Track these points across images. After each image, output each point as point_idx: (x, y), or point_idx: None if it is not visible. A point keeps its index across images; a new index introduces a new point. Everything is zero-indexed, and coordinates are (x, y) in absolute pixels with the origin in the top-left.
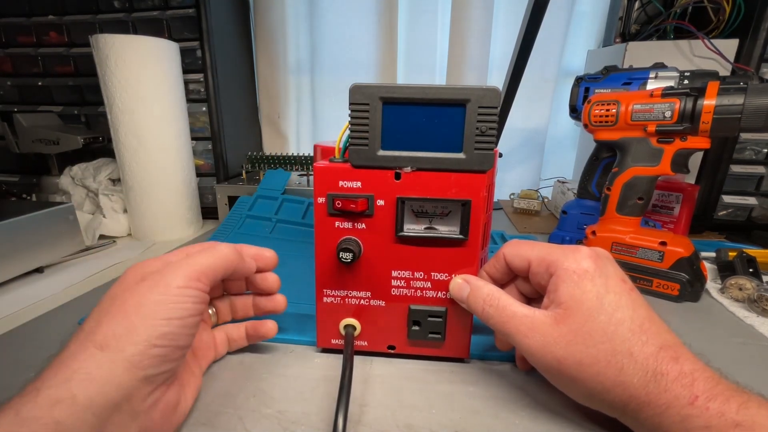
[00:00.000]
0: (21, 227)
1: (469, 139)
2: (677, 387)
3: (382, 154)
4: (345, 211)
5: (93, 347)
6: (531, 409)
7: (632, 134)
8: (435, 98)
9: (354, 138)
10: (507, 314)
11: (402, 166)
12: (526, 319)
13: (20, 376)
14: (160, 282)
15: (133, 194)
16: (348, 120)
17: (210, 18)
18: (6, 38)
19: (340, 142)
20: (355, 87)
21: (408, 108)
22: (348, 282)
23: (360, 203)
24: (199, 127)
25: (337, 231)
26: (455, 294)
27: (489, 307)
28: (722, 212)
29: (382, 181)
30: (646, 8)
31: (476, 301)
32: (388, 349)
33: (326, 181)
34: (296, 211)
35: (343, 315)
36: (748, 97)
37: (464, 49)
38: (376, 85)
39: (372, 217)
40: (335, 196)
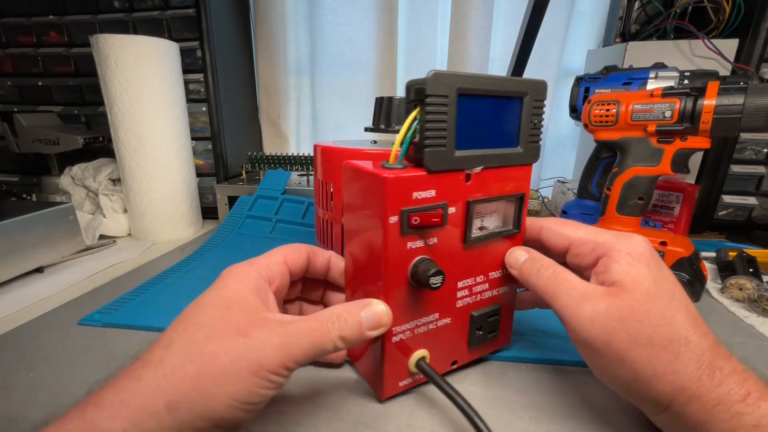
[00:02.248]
0: (21, 227)
1: (524, 132)
2: (731, 382)
3: (459, 155)
4: (422, 227)
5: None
6: (531, 409)
7: (632, 134)
8: (502, 90)
9: (431, 138)
10: (561, 278)
11: (473, 166)
12: (581, 285)
13: (20, 376)
14: (250, 352)
15: (133, 194)
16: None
17: (210, 18)
18: (6, 38)
19: (401, 143)
20: (436, 74)
21: (479, 101)
22: (417, 309)
23: (438, 214)
24: (199, 127)
25: (409, 253)
26: (512, 261)
27: (545, 270)
28: (722, 212)
29: (452, 186)
30: (646, 8)
31: (533, 264)
32: (451, 365)
33: (399, 195)
34: (296, 211)
35: (413, 349)
36: (748, 97)
37: (464, 49)
38: (455, 74)
39: (443, 228)
40: (411, 212)
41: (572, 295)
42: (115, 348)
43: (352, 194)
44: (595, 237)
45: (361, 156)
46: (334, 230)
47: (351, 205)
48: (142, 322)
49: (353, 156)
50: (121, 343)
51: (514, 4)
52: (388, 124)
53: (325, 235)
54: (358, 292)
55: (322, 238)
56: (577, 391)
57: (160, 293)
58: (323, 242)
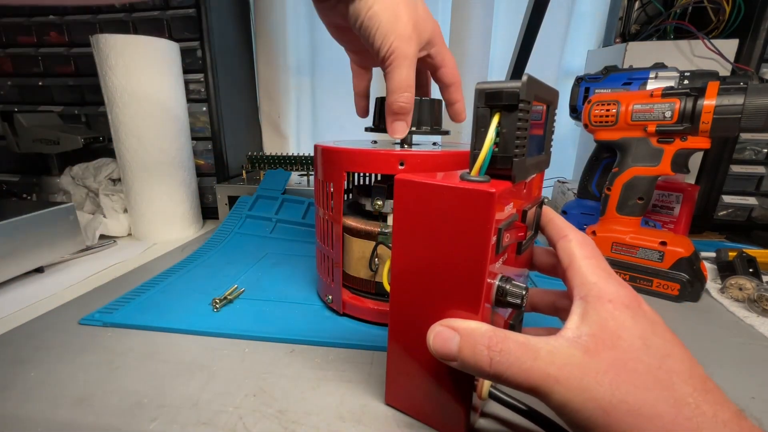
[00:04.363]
0: (21, 227)
1: (548, 139)
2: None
3: (529, 163)
4: (507, 244)
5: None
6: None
7: (632, 134)
8: (548, 98)
9: (520, 147)
10: (529, 356)
11: (531, 174)
12: (550, 355)
13: (20, 375)
14: None
15: (133, 194)
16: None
17: (210, 18)
18: (6, 38)
19: (487, 153)
20: (531, 80)
21: (534, 108)
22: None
23: (523, 229)
24: (199, 127)
25: (495, 272)
26: (440, 351)
27: (497, 354)
28: (722, 212)
29: (517, 197)
30: (646, 8)
31: (475, 350)
32: None
33: (499, 211)
34: (296, 211)
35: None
36: (748, 97)
37: (464, 49)
38: (537, 80)
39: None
40: (504, 228)
41: (550, 374)
42: (115, 348)
43: (425, 213)
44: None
45: (364, 156)
46: (334, 230)
47: (421, 225)
48: (143, 321)
49: (355, 156)
50: (121, 342)
51: (514, 4)
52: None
53: (325, 235)
54: (425, 318)
55: (323, 237)
56: None
57: (160, 293)
58: (324, 242)
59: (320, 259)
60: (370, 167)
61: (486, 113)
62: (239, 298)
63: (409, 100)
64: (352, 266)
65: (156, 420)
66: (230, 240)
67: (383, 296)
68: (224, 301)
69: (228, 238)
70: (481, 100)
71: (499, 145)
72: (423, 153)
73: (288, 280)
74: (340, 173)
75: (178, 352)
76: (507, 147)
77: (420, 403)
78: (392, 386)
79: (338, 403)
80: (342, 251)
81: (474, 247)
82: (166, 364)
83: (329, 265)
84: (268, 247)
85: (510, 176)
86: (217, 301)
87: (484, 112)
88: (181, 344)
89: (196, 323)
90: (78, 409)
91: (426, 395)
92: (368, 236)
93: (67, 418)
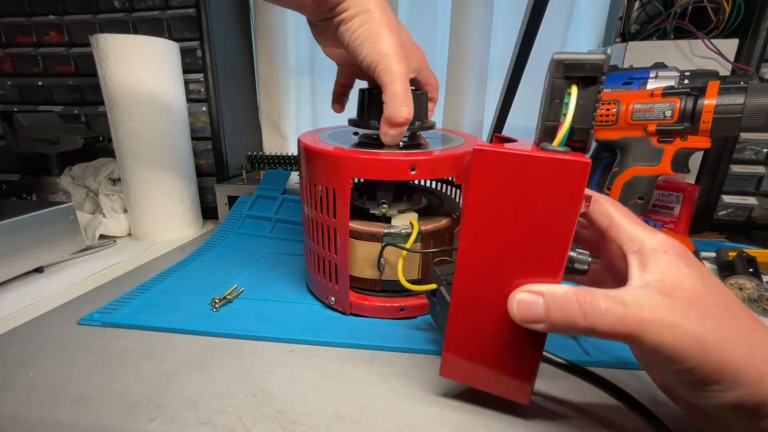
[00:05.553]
0: (21, 227)
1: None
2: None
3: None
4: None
5: None
6: (531, 408)
7: (632, 134)
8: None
9: (594, 119)
10: (618, 305)
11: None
12: (635, 301)
13: (20, 375)
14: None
15: (133, 194)
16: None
17: (210, 18)
18: (6, 38)
19: (569, 124)
20: (609, 54)
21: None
22: None
23: (588, 198)
24: (199, 127)
25: None
26: (526, 316)
27: (588, 306)
28: (722, 212)
29: None
30: (646, 8)
31: (565, 307)
32: None
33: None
34: (296, 211)
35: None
36: (748, 97)
37: (464, 49)
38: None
39: None
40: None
41: (644, 319)
42: (114, 348)
43: (507, 184)
44: (630, 224)
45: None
46: (339, 236)
47: (500, 196)
48: (142, 322)
49: (363, 163)
50: (120, 343)
51: (514, 4)
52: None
53: (326, 239)
54: (498, 289)
55: (321, 242)
56: (577, 392)
57: (159, 293)
58: (323, 246)
59: (313, 260)
60: (380, 174)
61: (562, 84)
62: (238, 298)
63: (409, 113)
64: (357, 268)
65: (155, 420)
66: (230, 240)
67: (389, 293)
68: (223, 300)
69: (227, 238)
70: (559, 70)
71: (576, 117)
72: (433, 156)
73: (287, 280)
74: (346, 180)
75: (178, 352)
76: (585, 118)
77: (483, 373)
78: (450, 360)
79: (338, 403)
80: (347, 255)
81: (562, 216)
82: (165, 364)
83: (331, 268)
84: (268, 247)
85: (584, 147)
86: (216, 301)
87: (561, 84)
88: (180, 344)
89: (196, 323)
90: (77, 409)
91: (492, 364)
92: (373, 238)
93: (66, 418)
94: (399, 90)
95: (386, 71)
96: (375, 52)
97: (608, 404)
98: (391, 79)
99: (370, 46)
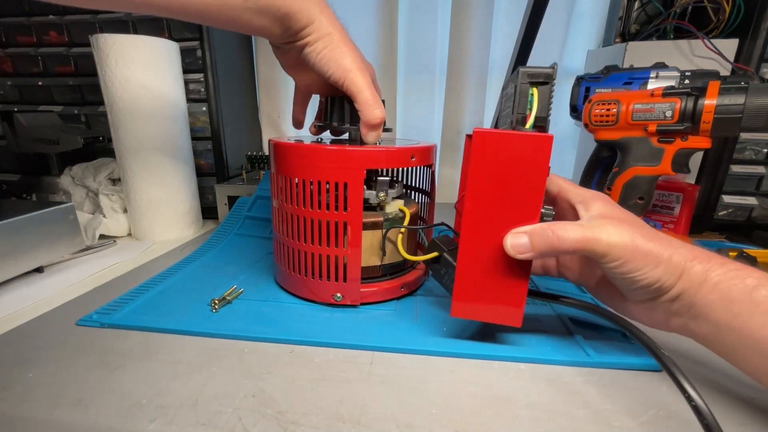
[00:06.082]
0: (21, 227)
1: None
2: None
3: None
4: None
5: None
6: (531, 409)
7: (633, 134)
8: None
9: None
10: (578, 228)
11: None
12: (589, 224)
13: (19, 375)
14: None
15: (133, 194)
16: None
17: None
18: (6, 38)
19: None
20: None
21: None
22: None
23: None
24: (199, 127)
25: None
26: (516, 247)
27: (559, 229)
28: (722, 212)
29: None
30: (646, 8)
31: (543, 235)
32: None
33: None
34: None
35: None
36: (748, 97)
37: (464, 49)
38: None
39: None
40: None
41: (601, 231)
42: (114, 348)
43: (498, 156)
44: (573, 187)
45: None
46: (351, 229)
47: (494, 166)
48: (141, 322)
49: (375, 155)
50: (120, 343)
51: (514, 4)
52: (341, 121)
53: (332, 236)
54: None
55: (326, 240)
56: (577, 391)
57: (159, 294)
58: (328, 244)
59: (309, 264)
60: (390, 163)
61: (527, 88)
62: (238, 299)
63: (382, 114)
64: (363, 257)
65: (155, 421)
66: (229, 241)
67: (388, 276)
68: (223, 301)
69: (227, 238)
70: (525, 78)
71: (538, 109)
72: (422, 147)
73: None
74: (360, 171)
75: (177, 353)
76: (543, 109)
77: (485, 306)
78: (459, 302)
79: (338, 403)
80: (360, 247)
81: (536, 178)
82: (164, 364)
83: (337, 265)
84: (268, 247)
85: (545, 129)
86: (215, 301)
87: (526, 87)
88: (180, 345)
89: (195, 324)
90: (76, 409)
91: (491, 297)
92: (374, 226)
93: (66, 419)
94: (369, 96)
95: (353, 83)
96: (341, 69)
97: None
98: (359, 89)
99: (335, 64)
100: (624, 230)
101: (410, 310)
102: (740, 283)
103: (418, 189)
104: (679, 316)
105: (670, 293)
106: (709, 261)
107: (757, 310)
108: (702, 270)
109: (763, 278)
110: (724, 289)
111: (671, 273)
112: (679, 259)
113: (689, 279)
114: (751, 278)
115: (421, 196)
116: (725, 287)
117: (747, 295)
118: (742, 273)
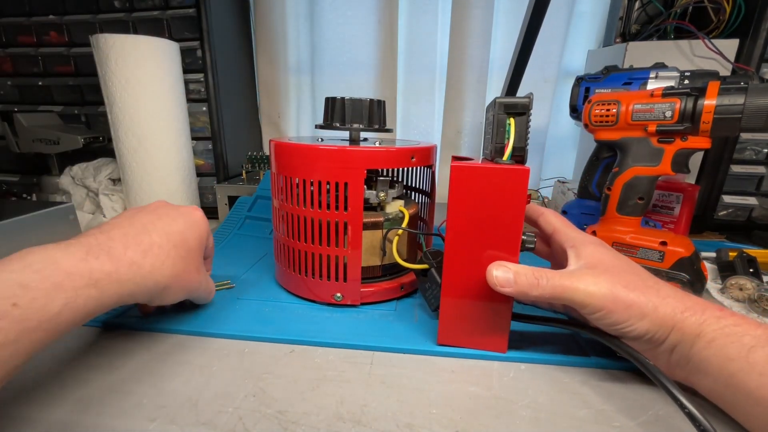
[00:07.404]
0: (21, 227)
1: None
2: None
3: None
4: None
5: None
6: (531, 409)
7: (633, 134)
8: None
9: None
10: (561, 277)
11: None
12: (573, 275)
13: (19, 376)
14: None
15: (133, 194)
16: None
17: (210, 18)
18: (6, 38)
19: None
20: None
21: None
22: None
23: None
24: (199, 127)
25: None
26: (501, 281)
27: (543, 277)
28: (722, 212)
29: None
30: (646, 8)
31: (528, 279)
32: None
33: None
34: None
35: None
36: (748, 97)
37: (464, 49)
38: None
39: None
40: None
41: (580, 281)
42: (114, 348)
43: (476, 189)
44: (566, 229)
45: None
46: (351, 229)
47: (472, 198)
48: (142, 323)
49: (375, 155)
50: (120, 343)
51: (514, 4)
52: (342, 122)
53: (331, 236)
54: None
55: (324, 240)
56: (577, 391)
57: None
58: (327, 244)
59: (309, 264)
60: (390, 163)
61: (504, 118)
62: (238, 299)
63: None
64: (363, 257)
65: (155, 420)
66: (230, 241)
67: (387, 276)
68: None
69: (227, 239)
70: (501, 109)
71: (515, 139)
72: (423, 148)
73: None
74: (360, 171)
75: (178, 353)
76: (521, 139)
77: (470, 334)
78: (444, 330)
79: (338, 403)
80: (360, 247)
81: (514, 209)
82: (165, 364)
83: (337, 265)
84: (268, 247)
85: (523, 159)
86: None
87: (503, 118)
88: (180, 344)
89: (196, 324)
90: (77, 409)
91: (476, 325)
92: (374, 226)
93: (65, 419)
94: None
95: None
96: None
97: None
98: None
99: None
100: (604, 280)
101: (410, 310)
102: (737, 341)
103: (419, 189)
104: (681, 368)
105: (664, 345)
106: (703, 313)
107: (754, 372)
108: (696, 323)
109: (761, 337)
110: (720, 346)
111: (660, 325)
112: (667, 311)
113: (682, 332)
114: (748, 336)
115: (421, 196)
116: (721, 344)
117: (744, 355)
118: (739, 330)
